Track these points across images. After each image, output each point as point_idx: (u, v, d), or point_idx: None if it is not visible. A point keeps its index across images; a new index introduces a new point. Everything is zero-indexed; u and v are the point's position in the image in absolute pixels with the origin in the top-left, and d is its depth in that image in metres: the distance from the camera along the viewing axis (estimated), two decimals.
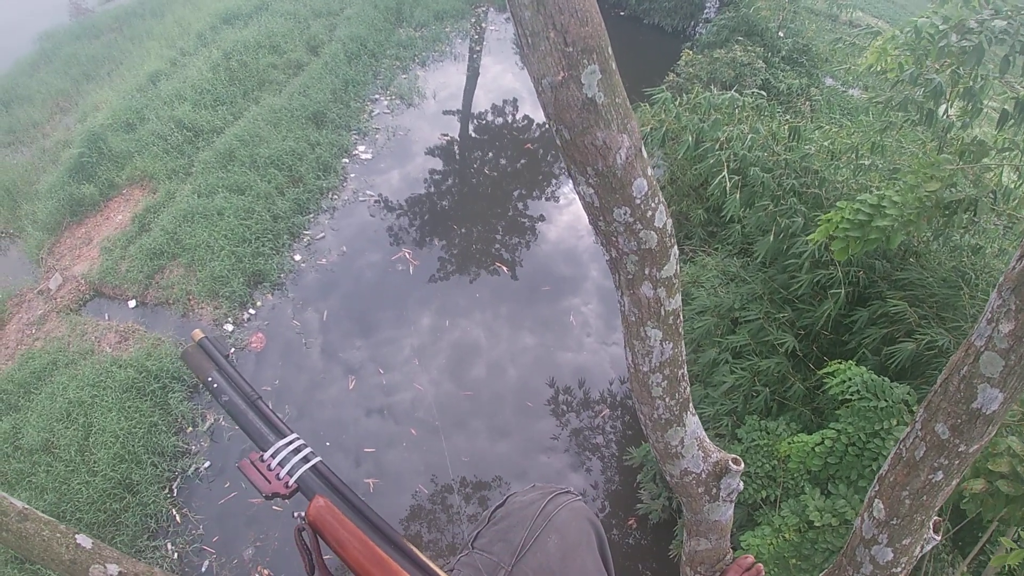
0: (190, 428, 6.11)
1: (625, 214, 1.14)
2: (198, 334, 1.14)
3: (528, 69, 1.02)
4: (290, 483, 0.94)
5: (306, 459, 0.97)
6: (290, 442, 0.99)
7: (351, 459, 5.89)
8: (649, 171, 1.13)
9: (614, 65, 1.02)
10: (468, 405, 6.38)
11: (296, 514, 0.90)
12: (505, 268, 7.77)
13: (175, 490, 5.69)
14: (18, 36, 13.49)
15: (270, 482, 0.94)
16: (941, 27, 3.59)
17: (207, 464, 5.86)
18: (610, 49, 1.00)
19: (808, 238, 4.00)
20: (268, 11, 12.26)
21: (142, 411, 5.99)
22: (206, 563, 5.22)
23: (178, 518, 5.49)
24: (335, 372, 6.62)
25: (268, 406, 1.03)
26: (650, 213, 1.17)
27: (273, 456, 0.97)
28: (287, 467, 0.96)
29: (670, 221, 1.23)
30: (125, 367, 6.29)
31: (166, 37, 12.16)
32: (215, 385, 1.07)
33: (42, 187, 8.57)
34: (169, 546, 5.32)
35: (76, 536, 1.93)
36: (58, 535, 1.89)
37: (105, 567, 1.89)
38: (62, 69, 12.04)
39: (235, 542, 5.35)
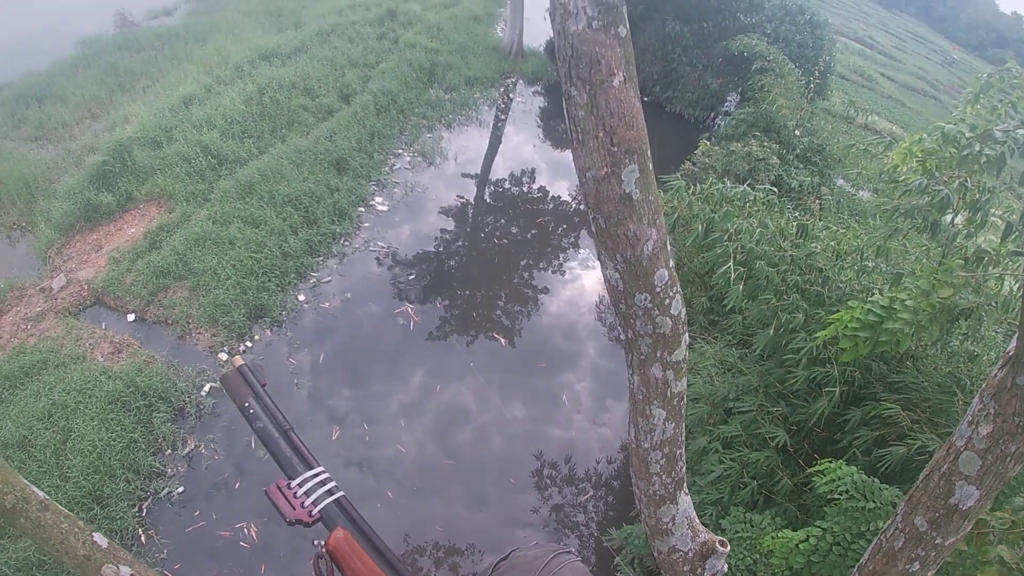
0: (169, 450, 6.02)
1: (645, 300, 1.24)
2: (238, 360, 1.20)
3: (575, 161, 1.13)
4: (314, 512, 0.99)
5: (331, 492, 1.03)
6: (317, 474, 1.05)
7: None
8: (671, 263, 1.23)
9: (651, 166, 1.13)
10: (449, 472, 6.30)
11: (316, 542, 0.95)
12: (503, 340, 7.79)
13: (144, 510, 5.56)
14: (60, 38, 13.79)
15: (295, 508, 0.99)
16: (968, 135, 3.71)
17: (180, 489, 5.75)
18: (649, 152, 1.11)
19: (817, 335, 4.06)
20: (306, 54, 12.71)
21: (124, 425, 5.92)
22: None
23: (143, 538, 5.35)
24: (320, 418, 6.56)
25: (299, 438, 1.09)
26: (668, 301, 1.26)
27: (300, 485, 1.02)
28: (312, 497, 1.01)
29: (684, 310, 1.32)
30: (114, 378, 6.25)
31: (205, 63, 12.51)
32: (251, 411, 1.13)
33: (61, 187, 8.66)
34: None
35: (93, 534, 1.94)
36: (76, 530, 1.91)
37: (118, 568, 1.90)
38: (99, 76, 12.28)
39: (197, 573, 5.20)
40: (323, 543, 0.94)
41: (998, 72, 4.29)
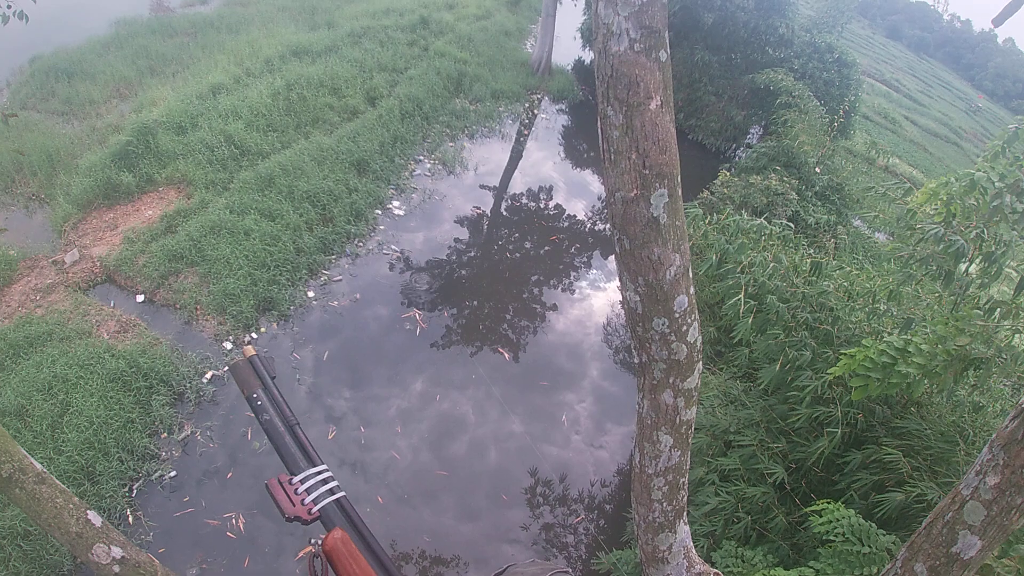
0: (165, 434, 6.04)
1: (663, 325, 1.23)
2: (250, 350, 1.20)
3: (605, 181, 1.13)
4: (313, 510, 0.99)
5: (332, 491, 1.02)
6: (319, 472, 1.04)
7: None
8: (691, 290, 1.23)
9: (680, 192, 1.14)
10: (441, 481, 6.28)
11: (313, 540, 0.94)
12: (506, 354, 7.78)
13: (135, 491, 5.58)
14: (95, 15, 13.99)
15: (294, 505, 0.98)
16: (997, 184, 3.69)
17: (173, 473, 5.75)
18: (679, 177, 1.12)
19: (830, 370, 4.02)
20: (336, 54, 12.84)
21: (123, 404, 5.95)
22: None
23: (131, 519, 5.36)
24: (318, 416, 6.56)
25: (304, 434, 1.08)
26: (685, 328, 1.26)
27: (302, 482, 1.01)
28: (313, 495, 1.00)
29: (700, 338, 1.31)
30: (118, 357, 6.29)
31: (236, 54, 12.66)
32: (259, 403, 1.13)
33: (83, 163, 8.75)
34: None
35: (88, 512, 1.93)
36: (71, 506, 1.90)
37: (110, 548, 1.89)
38: (130, 57, 12.43)
39: (181, 559, 5.19)
40: (320, 542, 0.93)
41: None
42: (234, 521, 5.47)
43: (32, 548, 4.89)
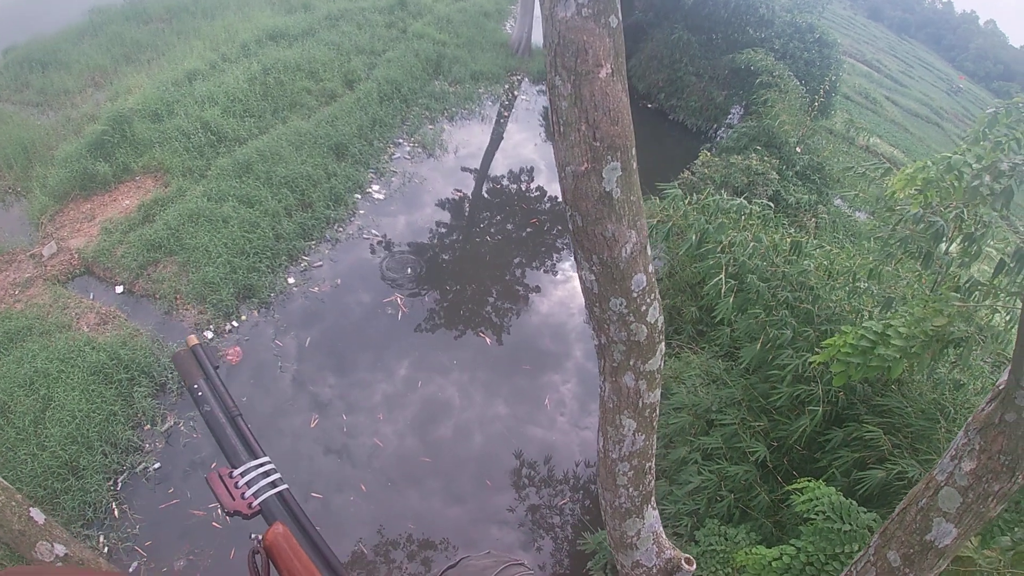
0: (148, 426, 5.98)
1: (621, 305, 1.19)
2: (193, 340, 1.16)
3: (555, 154, 1.08)
4: (253, 504, 0.95)
5: (273, 484, 0.98)
6: (261, 464, 1.00)
7: (298, 498, 5.74)
8: (650, 268, 1.19)
9: (635, 165, 1.09)
10: (426, 466, 6.26)
11: (253, 535, 0.90)
12: (488, 339, 7.74)
13: (119, 484, 5.52)
14: (69, 4, 13.69)
15: (234, 499, 0.95)
16: (975, 166, 3.69)
17: (157, 465, 5.70)
18: (634, 150, 1.07)
19: (812, 359, 4.04)
20: (314, 37, 12.66)
21: (105, 397, 5.88)
22: (135, 564, 5.03)
23: (116, 512, 5.32)
24: (301, 403, 6.51)
25: (247, 425, 1.04)
26: (644, 308, 1.22)
27: (242, 475, 0.97)
28: (253, 488, 0.96)
29: (662, 318, 1.28)
30: (98, 350, 6.20)
31: (212, 39, 12.45)
32: (199, 393, 1.09)
33: (59, 154, 8.60)
34: (102, 539, 5.13)
35: (31, 509, 1.89)
36: (13, 504, 1.86)
37: (52, 546, 1.85)
38: (105, 45, 12.20)
39: (168, 550, 5.16)
40: (260, 537, 0.90)
41: (1004, 106, 4.27)
42: (220, 511, 5.43)
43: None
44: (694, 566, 1.61)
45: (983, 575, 2.63)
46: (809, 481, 3.50)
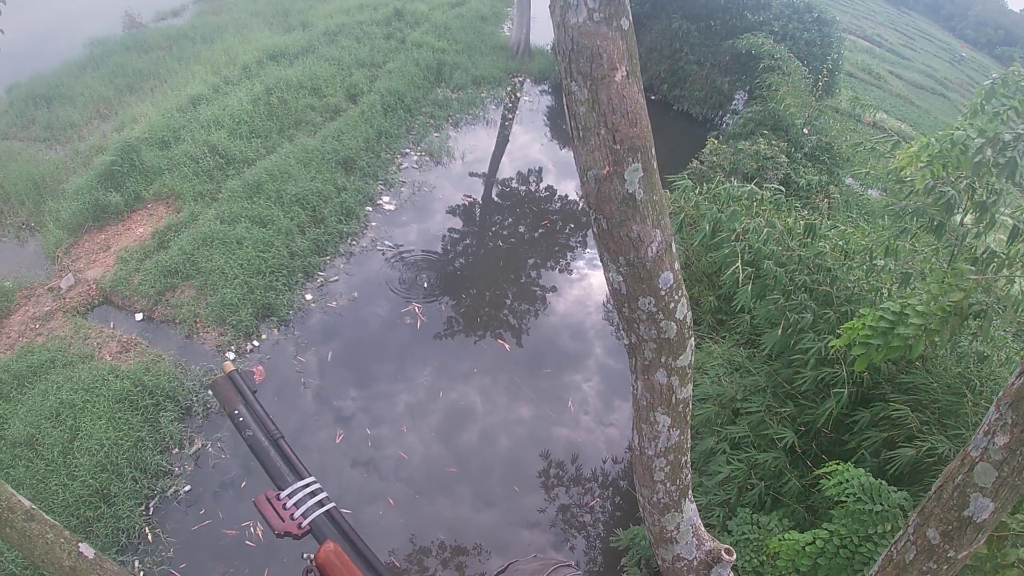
0: (176, 449, 6.03)
1: (649, 304, 1.20)
2: (229, 366, 1.17)
3: (576, 160, 1.10)
4: (303, 524, 0.96)
5: (321, 503, 1.00)
6: (307, 484, 1.02)
7: None
8: (676, 265, 1.20)
9: (655, 164, 1.10)
10: (455, 473, 6.27)
11: (305, 555, 0.92)
12: (506, 345, 7.74)
13: (151, 509, 5.57)
14: (68, 38, 13.91)
15: (284, 521, 0.96)
16: (977, 139, 3.66)
17: (187, 488, 5.75)
18: (654, 150, 1.08)
19: (831, 343, 4.02)
20: (314, 54, 12.74)
21: (131, 424, 5.94)
22: None
23: (150, 537, 5.37)
24: (326, 419, 6.54)
25: (290, 447, 1.06)
26: (672, 305, 1.22)
27: (290, 496, 0.99)
28: (302, 509, 0.98)
29: (690, 314, 1.28)
30: (122, 377, 6.27)
31: (213, 63, 12.56)
32: (241, 419, 1.10)
33: (70, 187, 8.70)
34: (136, 564, 5.18)
35: (79, 544, 1.91)
36: (62, 540, 1.87)
37: None
38: (108, 77, 12.34)
39: (203, 571, 5.20)
40: (312, 556, 0.91)
41: (1001, 78, 4.22)
42: (252, 529, 5.48)
43: None
44: (734, 556, 1.61)
45: (1017, 538, 2.61)
46: (838, 464, 3.47)
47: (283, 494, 1.00)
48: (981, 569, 2.55)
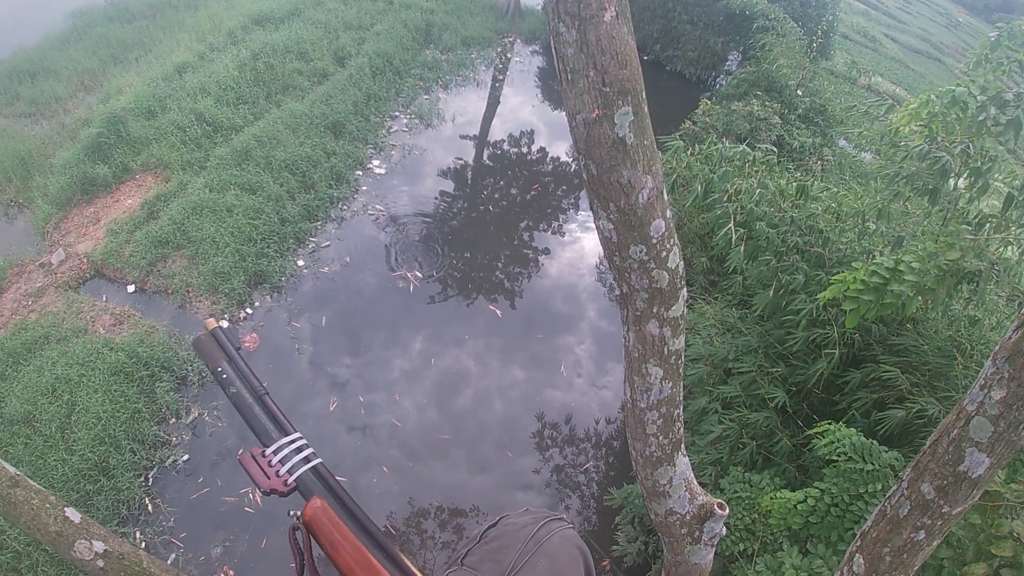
0: (173, 419, 6.06)
1: (641, 252, 1.18)
2: (212, 323, 1.15)
3: (565, 104, 1.06)
4: (289, 481, 0.95)
5: (307, 459, 0.98)
6: (292, 440, 1.00)
7: None
8: (668, 213, 1.17)
9: (646, 108, 1.07)
10: (450, 437, 6.33)
11: (292, 512, 0.91)
12: (498, 312, 7.73)
13: (150, 479, 5.62)
14: (49, 11, 13.58)
15: (269, 478, 0.95)
16: (979, 97, 3.61)
17: (185, 457, 5.79)
18: (644, 93, 1.05)
19: (820, 296, 4.02)
20: (300, 18, 12.48)
21: (128, 396, 5.95)
22: (173, 555, 5.15)
23: (150, 507, 5.42)
24: (320, 385, 6.57)
25: (275, 402, 1.05)
26: (664, 253, 1.21)
27: (275, 453, 0.98)
28: (288, 465, 0.97)
29: (682, 263, 1.27)
30: (116, 350, 6.26)
31: (197, 31, 12.31)
32: (224, 376, 1.08)
33: (57, 162, 8.59)
34: (138, 534, 5.24)
35: (65, 509, 1.91)
36: (47, 505, 1.88)
37: (91, 543, 1.87)
38: (91, 49, 12.10)
39: (204, 539, 5.27)
40: (299, 514, 0.90)
41: (1007, 29, 4.17)
42: (251, 496, 5.54)
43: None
44: (727, 511, 1.63)
45: (1010, 509, 2.65)
46: (830, 424, 3.50)
47: (268, 450, 0.99)
48: (975, 540, 2.58)
